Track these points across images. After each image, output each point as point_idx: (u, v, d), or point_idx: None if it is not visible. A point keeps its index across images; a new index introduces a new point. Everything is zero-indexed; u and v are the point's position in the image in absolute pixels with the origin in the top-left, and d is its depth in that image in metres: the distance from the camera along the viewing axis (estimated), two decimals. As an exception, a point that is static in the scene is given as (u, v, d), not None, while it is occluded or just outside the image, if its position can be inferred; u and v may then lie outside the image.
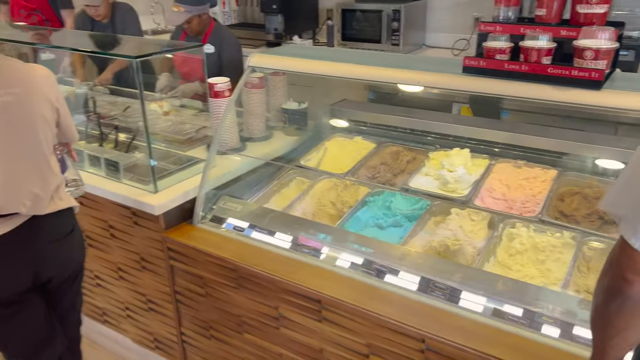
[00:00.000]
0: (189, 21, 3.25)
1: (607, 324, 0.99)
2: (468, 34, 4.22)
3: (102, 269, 2.42)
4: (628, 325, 0.97)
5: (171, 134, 2.64)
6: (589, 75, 1.50)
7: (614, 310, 0.96)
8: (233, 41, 3.47)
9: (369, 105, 3.01)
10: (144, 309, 2.32)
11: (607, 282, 0.97)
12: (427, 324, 1.51)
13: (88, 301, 2.56)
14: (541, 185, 2.16)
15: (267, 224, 1.99)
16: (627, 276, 0.93)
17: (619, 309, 0.96)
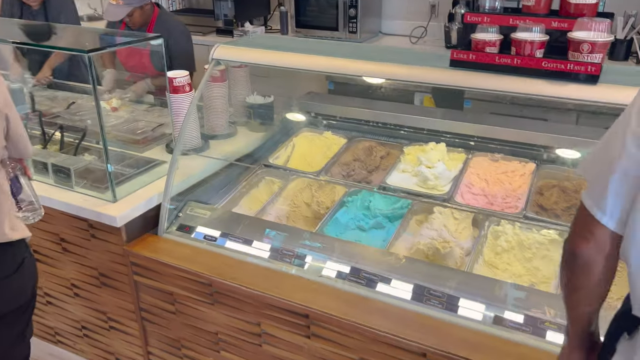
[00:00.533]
0: (130, 14, 2.97)
1: (563, 282, 1.04)
2: (424, 21, 4.15)
3: (53, 285, 2.18)
4: (580, 284, 1.00)
5: (124, 133, 2.41)
6: (586, 69, 1.44)
7: (568, 268, 1.00)
8: (182, 29, 3.23)
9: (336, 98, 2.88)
10: (104, 327, 2.11)
11: (565, 243, 1.00)
12: (427, 336, 1.42)
13: (37, 320, 2.31)
14: (520, 179, 2.12)
15: (242, 232, 1.84)
16: (580, 236, 0.96)
17: (572, 267, 0.99)
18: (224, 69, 2.32)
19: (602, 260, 0.95)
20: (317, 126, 2.56)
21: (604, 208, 0.91)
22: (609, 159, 0.90)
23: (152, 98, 2.93)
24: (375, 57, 1.74)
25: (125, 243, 1.84)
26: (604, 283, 0.99)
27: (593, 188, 0.94)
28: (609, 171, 0.90)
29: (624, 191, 0.89)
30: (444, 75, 1.59)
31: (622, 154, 0.88)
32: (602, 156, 0.93)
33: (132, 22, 3.02)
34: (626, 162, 0.87)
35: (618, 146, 0.89)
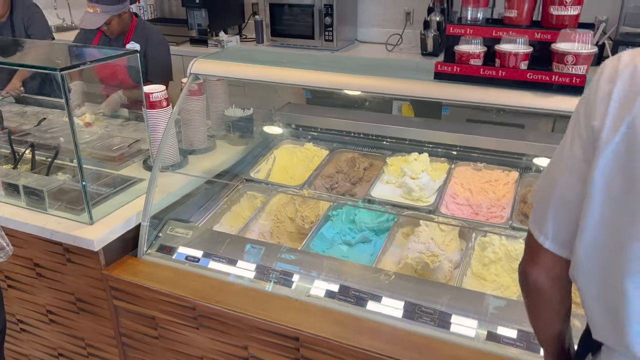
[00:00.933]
0: (108, 22, 2.90)
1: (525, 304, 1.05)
2: (400, 29, 4.16)
3: (27, 312, 2.09)
4: (535, 305, 1.02)
5: (99, 150, 2.32)
6: (571, 80, 1.43)
7: (523, 291, 1.02)
8: (160, 38, 3.16)
9: (316, 108, 2.85)
10: (82, 354, 2.02)
11: (519, 266, 1.02)
12: (420, 355, 1.39)
13: (10, 348, 2.21)
14: (504, 188, 2.12)
15: (226, 252, 1.78)
16: (528, 260, 0.98)
17: (525, 290, 1.02)
18: (201, 82, 2.27)
19: (551, 282, 0.96)
20: (298, 138, 2.53)
21: (545, 232, 0.92)
22: (549, 183, 0.91)
23: (127, 112, 2.85)
24: (357, 70, 1.72)
25: (104, 267, 1.77)
26: (559, 304, 1.00)
27: (535, 212, 0.95)
28: (548, 195, 0.91)
29: (564, 215, 0.89)
30: (429, 88, 1.57)
31: (559, 179, 0.89)
32: (544, 180, 0.94)
33: (109, 30, 2.95)
34: (562, 187, 0.88)
35: (557, 170, 0.90)
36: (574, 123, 0.87)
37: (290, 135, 2.54)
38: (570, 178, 0.87)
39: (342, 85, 1.71)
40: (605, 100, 0.80)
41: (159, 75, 3.10)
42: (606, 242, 0.83)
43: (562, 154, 0.89)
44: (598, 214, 0.82)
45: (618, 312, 0.84)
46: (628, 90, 0.79)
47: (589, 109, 0.83)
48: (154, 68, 3.09)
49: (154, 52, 3.08)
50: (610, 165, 0.79)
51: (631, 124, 0.77)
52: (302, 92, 3.67)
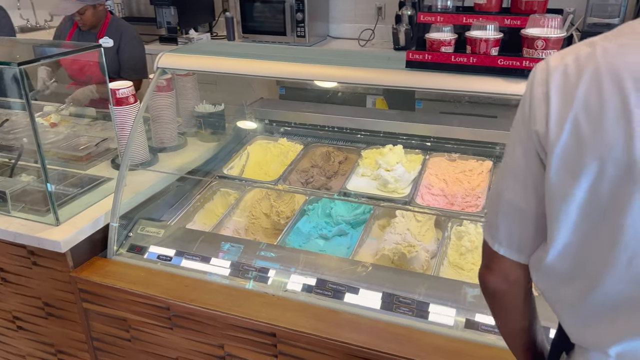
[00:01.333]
0: (82, 12, 2.83)
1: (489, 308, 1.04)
2: (372, 24, 4.16)
3: (-8, 320, 2.01)
4: (497, 311, 1.02)
5: (65, 150, 2.25)
6: (541, 65, 1.43)
7: (484, 297, 1.01)
8: (135, 34, 3.12)
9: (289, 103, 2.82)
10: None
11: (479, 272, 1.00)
12: (400, 346, 1.37)
13: (-24, 358, 2.12)
14: (478, 177, 2.12)
15: (199, 249, 1.74)
16: (484, 267, 0.96)
17: (485, 296, 1.00)
18: (170, 77, 2.21)
19: (509, 288, 0.94)
20: (272, 133, 2.49)
21: (499, 239, 0.90)
22: (497, 191, 0.90)
23: (94, 111, 2.77)
24: (330, 61, 1.69)
25: (72, 269, 1.71)
26: (522, 305, 0.99)
27: (488, 219, 0.94)
28: (497, 203, 0.90)
29: (516, 222, 0.88)
30: (401, 76, 1.55)
31: (506, 187, 0.87)
32: (493, 188, 0.93)
33: (83, 21, 2.89)
34: (509, 195, 0.87)
35: (503, 179, 0.89)
36: (515, 131, 0.85)
37: (263, 130, 2.50)
38: (517, 185, 0.85)
39: (315, 76, 1.69)
40: (543, 103, 0.78)
41: (133, 71, 3.05)
42: (580, 246, 0.81)
43: (507, 163, 0.87)
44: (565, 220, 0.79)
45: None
46: (563, 88, 0.77)
47: (527, 115, 0.81)
48: (128, 65, 3.05)
49: (128, 49, 3.03)
50: (562, 165, 0.77)
51: (574, 120, 0.75)
52: (276, 88, 3.63)
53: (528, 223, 0.86)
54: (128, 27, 3.12)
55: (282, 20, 3.97)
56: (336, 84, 2.04)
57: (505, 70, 1.47)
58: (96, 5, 2.90)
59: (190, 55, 1.90)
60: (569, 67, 0.77)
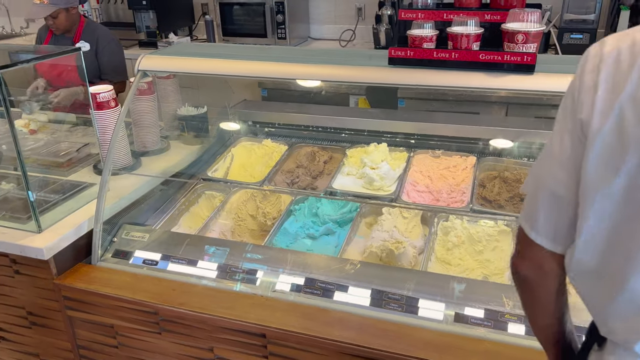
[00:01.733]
0: (55, 16, 2.79)
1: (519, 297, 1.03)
2: (352, 24, 4.17)
3: (-26, 331, 1.96)
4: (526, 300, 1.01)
5: (45, 157, 2.21)
6: (522, 59, 1.45)
7: (515, 285, 1.01)
8: (112, 37, 3.08)
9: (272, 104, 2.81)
10: (38, 371, 1.92)
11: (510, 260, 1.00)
12: (391, 342, 1.37)
13: (-42, 372, 2.07)
14: (462, 173, 2.13)
15: (185, 252, 1.72)
16: (518, 255, 0.96)
17: (516, 284, 1.00)
18: (151, 81, 2.19)
19: (542, 278, 0.93)
20: (256, 134, 2.48)
21: (536, 227, 0.89)
22: (538, 179, 0.89)
23: (74, 117, 2.73)
24: (312, 60, 1.69)
25: (55, 276, 1.68)
26: (553, 299, 0.97)
27: (526, 208, 0.92)
28: (538, 191, 0.89)
29: (556, 211, 0.87)
30: (384, 74, 1.55)
31: (549, 174, 0.87)
32: (533, 175, 0.92)
33: (56, 25, 2.85)
34: (551, 183, 0.86)
35: (545, 166, 0.88)
36: (562, 117, 0.84)
37: (247, 132, 2.49)
38: (560, 173, 0.84)
39: (297, 75, 1.68)
40: (591, 91, 0.77)
41: (115, 73, 3.03)
42: (608, 239, 0.80)
43: (551, 149, 0.86)
44: (597, 210, 0.79)
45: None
46: (613, 76, 0.75)
47: (575, 103, 0.80)
48: (108, 67, 3.02)
49: (106, 52, 3.01)
50: (601, 156, 0.76)
51: (619, 112, 0.73)
52: (258, 91, 3.62)
53: (567, 212, 0.85)
54: (104, 30, 3.09)
55: (262, 22, 3.96)
56: (319, 84, 2.04)
57: (487, 64, 1.49)
58: (69, 9, 2.86)
59: (171, 57, 1.89)
60: (622, 54, 0.75)
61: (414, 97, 3.31)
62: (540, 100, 2.91)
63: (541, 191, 0.88)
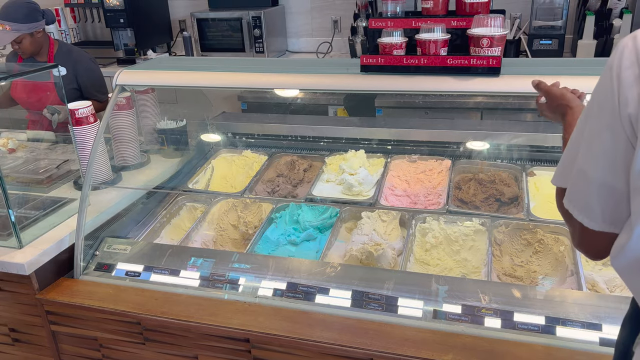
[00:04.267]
0: (19, 41, 2.78)
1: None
2: (329, 37, 4.24)
3: (-45, 352, 1.94)
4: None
5: (25, 174, 2.22)
6: (488, 62, 1.51)
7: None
8: (89, 56, 3.07)
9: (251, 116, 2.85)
10: (22, 389, 1.90)
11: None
12: (371, 341, 1.40)
13: (-60, 395, 2.04)
14: (438, 176, 2.19)
15: (167, 263, 1.74)
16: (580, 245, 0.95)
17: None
18: (129, 96, 2.22)
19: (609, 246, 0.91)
20: (236, 146, 2.51)
21: (594, 218, 0.88)
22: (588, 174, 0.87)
23: (54, 135, 2.74)
24: (289, 69, 1.74)
25: (38, 291, 1.68)
26: None
27: (575, 196, 0.91)
28: (589, 185, 0.87)
29: (609, 200, 0.86)
30: (356, 81, 1.60)
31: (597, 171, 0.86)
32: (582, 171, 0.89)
33: (22, 49, 2.83)
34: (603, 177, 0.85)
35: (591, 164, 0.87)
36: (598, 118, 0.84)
37: (227, 143, 2.52)
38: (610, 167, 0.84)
39: (276, 85, 1.73)
40: (634, 86, 0.78)
41: (99, 93, 3.02)
42: None
43: (594, 148, 0.85)
44: None
45: None
46: None
47: (617, 99, 0.80)
48: (92, 88, 3.00)
49: (87, 73, 2.98)
50: None
51: None
52: (238, 104, 3.66)
53: (620, 199, 0.85)
54: (80, 52, 3.07)
55: (240, 37, 4.01)
56: (298, 94, 2.09)
57: (455, 68, 1.54)
58: (33, 33, 2.81)
59: (149, 71, 1.92)
60: None
61: (392, 106, 3.37)
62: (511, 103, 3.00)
63: (592, 185, 0.87)
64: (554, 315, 1.40)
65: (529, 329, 1.39)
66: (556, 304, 1.43)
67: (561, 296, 1.47)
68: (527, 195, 1.98)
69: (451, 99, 3.22)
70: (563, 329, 1.37)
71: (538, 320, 1.40)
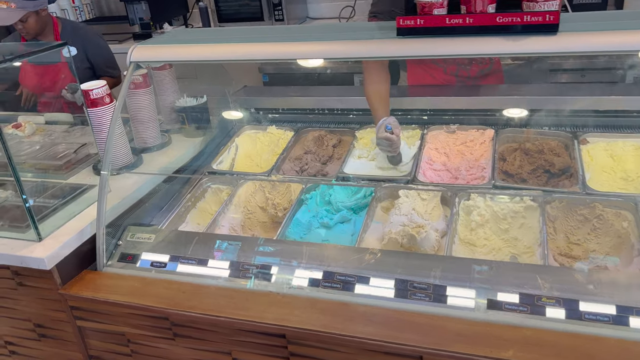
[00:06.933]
0: (24, 20, 2.65)
1: None
2: (351, 0, 4.02)
3: (-17, 347, 1.89)
4: None
5: (42, 160, 2.12)
6: (544, 19, 1.32)
7: None
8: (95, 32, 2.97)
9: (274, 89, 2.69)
10: (52, 384, 1.85)
11: None
12: (420, 336, 1.27)
13: (-28, 388, 2.01)
14: (481, 148, 2.02)
15: (194, 252, 1.63)
16: None
17: None
18: (145, 73, 2.08)
19: None
20: (259, 122, 2.37)
21: None
22: None
23: (71, 117, 2.63)
24: (315, 37, 1.57)
25: (60, 286, 1.59)
26: None
27: None
28: None
29: None
30: (394, 46, 1.43)
31: None
32: None
33: (26, 29, 2.70)
34: None
35: None
36: None
37: (250, 120, 2.38)
38: None
39: (301, 54, 1.57)
40: None
41: (112, 69, 2.94)
42: None
43: None
44: None
45: None
46: None
47: None
48: (105, 65, 2.92)
49: (98, 49, 2.90)
50: None
51: None
52: (259, 76, 3.50)
53: None
54: (85, 29, 2.98)
55: (258, 5, 3.82)
56: (321, 64, 1.91)
57: (505, 27, 1.36)
58: (38, 11, 2.69)
59: (165, 45, 1.77)
60: None
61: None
62: (558, 63, 2.77)
63: None
64: (626, 304, 1.24)
65: (598, 319, 1.24)
66: (627, 290, 1.27)
67: (631, 280, 1.30)
68: (581, 165, 1.81)
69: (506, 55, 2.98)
70: (638, 319, 1.21)
71: (608, 309, 1.24)
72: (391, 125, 1.86)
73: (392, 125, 1.86)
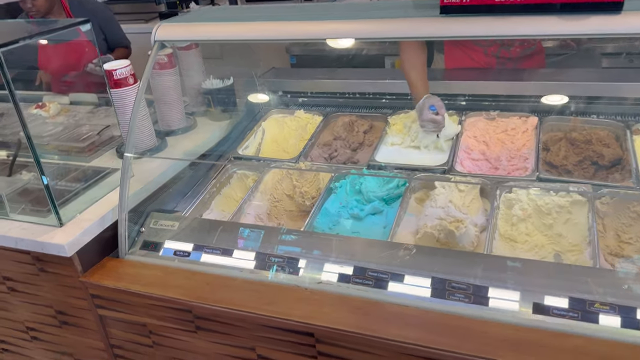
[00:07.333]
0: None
1: None
2: (384, -21, 3.85)
3: (5, 331, 1.87)
4: None
5: (65, 142, 2.07)
6: (608, -4, 1.19)
7: None
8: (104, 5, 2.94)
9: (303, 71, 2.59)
10: (73, 370, 1.82)
11: None
12: (460, 341, 1.18)
13: (-5, 370, 2.00)
14: (523, 136, 1.89)
15: (219, 241, 1.55)
16: None
17: None
18: (170, 53, 2.00)
19: None
20: (287, 105, 2.28)
21: None
22: None
23: (96, 97, 2.58)
24: (349, 15, 1.46)
25: (81, 273, 1.54)
26: None
27: None
28: None
29: None
30: (438, 25, 1.31)
31: None
32: None
33: (36, 7, 2.66)
34: None
35: None
36: None
37: (278, 103, 2.29)
38: None
39: (334, 34, 1.46)
40: None
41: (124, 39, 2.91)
42: None
43: None
44: None
45: None
46: None
47: None
48: (117, 36, 2.90)
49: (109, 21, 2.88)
50: None
51: None
52: (286, 57, 3.40)
53: None
54: (95, 3, 2.94)
55: (287, -17, 3.70)
56: (351, 45, 1.81)
57: (563, 5, 1.23)
58: None
59: (191, 23, 1.68)
60: None
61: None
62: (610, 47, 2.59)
63: None
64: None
65: (659, 329, 1.12)
66: None
67: (695, 287, 1.18)
68: (634, 157, 1.67)
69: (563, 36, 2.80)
70: None
71: (670, 319, 1.13)
72: (435, 105, 1.76)
73: (436, 106, 1.76)
